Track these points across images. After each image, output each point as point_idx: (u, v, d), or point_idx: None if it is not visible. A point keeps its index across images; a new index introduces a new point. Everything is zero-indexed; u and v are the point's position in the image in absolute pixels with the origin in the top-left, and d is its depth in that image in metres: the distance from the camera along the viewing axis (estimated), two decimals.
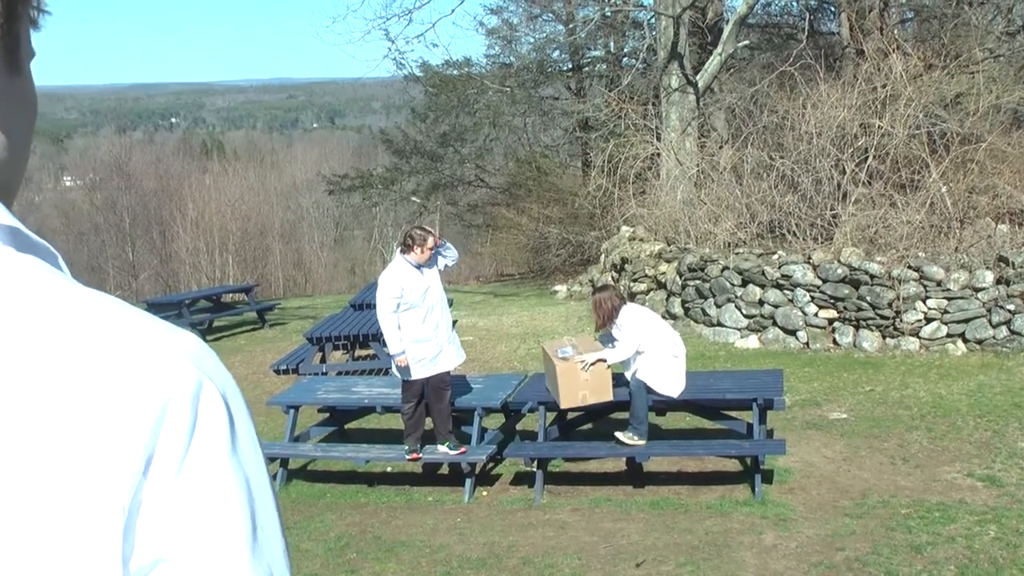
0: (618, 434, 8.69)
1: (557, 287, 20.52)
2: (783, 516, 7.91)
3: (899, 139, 15.05)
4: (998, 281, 12.42)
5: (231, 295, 21.50)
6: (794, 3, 25.20)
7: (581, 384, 8.46)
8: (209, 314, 18.44)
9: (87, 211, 45.10)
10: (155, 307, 17.76)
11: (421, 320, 8.80)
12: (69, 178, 60.98)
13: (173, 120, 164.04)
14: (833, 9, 23.59)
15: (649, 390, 8.63)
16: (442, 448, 9.02)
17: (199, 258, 37.12)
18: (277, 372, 13.38)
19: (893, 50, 17.03)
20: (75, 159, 60.40)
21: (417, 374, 8.81)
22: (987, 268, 12.53)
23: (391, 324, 8.74)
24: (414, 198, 30.38)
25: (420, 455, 9.04)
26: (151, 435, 0.85)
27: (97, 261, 40.06)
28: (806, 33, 19.48)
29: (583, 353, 8.55)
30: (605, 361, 8.50)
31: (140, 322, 0.91)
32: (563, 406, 8.61)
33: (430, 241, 8.85)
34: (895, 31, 20.69)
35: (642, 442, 8.62)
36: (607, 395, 8.55)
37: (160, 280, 38.50)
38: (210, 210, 37.75)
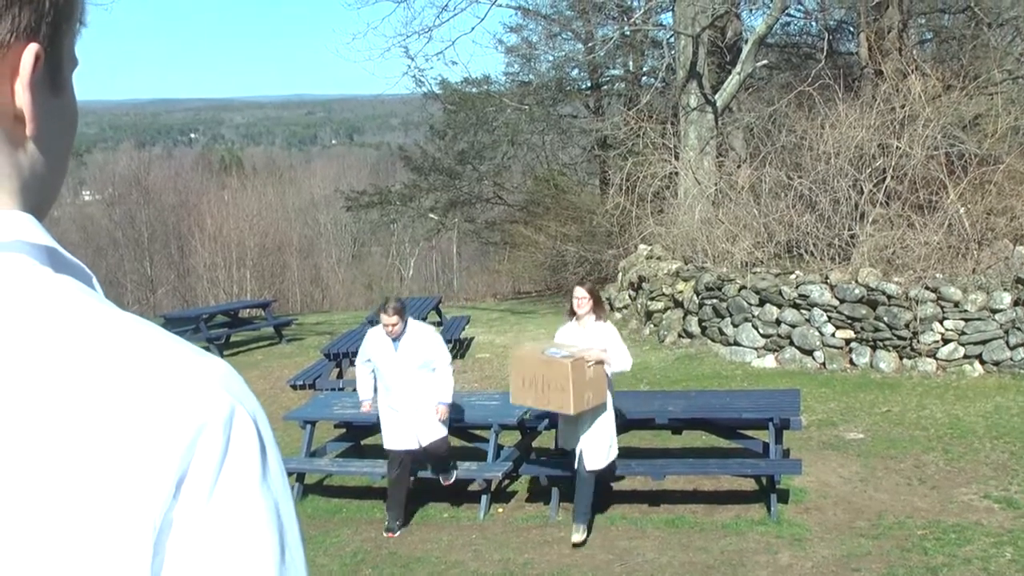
0: (575, 536, 7.98)
1: None
2: (798, 536, 7.90)
3: (917, 160, 15.03)
4: (1016, 303, 12.38)
5: (249, 310, 21.57)
6: (813, 23, 25.17)
7: (586, 384, 7.82)
8: (226, 329, 18.49)
9: (106, 225, 45.33)
10: (173, 321, 17.82)
11: (384, 391, 8.63)
12: (88, 192, 61.19)
13: (192, 135, 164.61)
14: (852, 29, 23.59)
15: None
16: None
17: (217, 273, 37.24)
18: (294, 387, 13.42)
19: (912, 71, 17.02)
20: (95, 174, 60.62)
21: (384, 443, 8.73)
22: (1005, 289, 12.50)
23: (360, 373, 8.87)
24: (432, 215, 30.42)
25: (395, 534, 8.57)
26: (184, 457, 0.86)
27: (115, 275, 40.22)
28: (825, 53, 19.48)
29: (572, 352, 7.89)
30: (605, 361, 7.94)
31: (174, 346, 0.92)
32: (574, 411, 7.80)
33: (384, 318, 8.36)
34: (914, 52, 20.68)
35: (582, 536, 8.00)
36: (604, 396, 8.03)
37: (178, 295, 38.64)
38: (228, 225, 37.88)
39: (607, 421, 8.14)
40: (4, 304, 0.88)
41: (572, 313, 8.23)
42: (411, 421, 8.54)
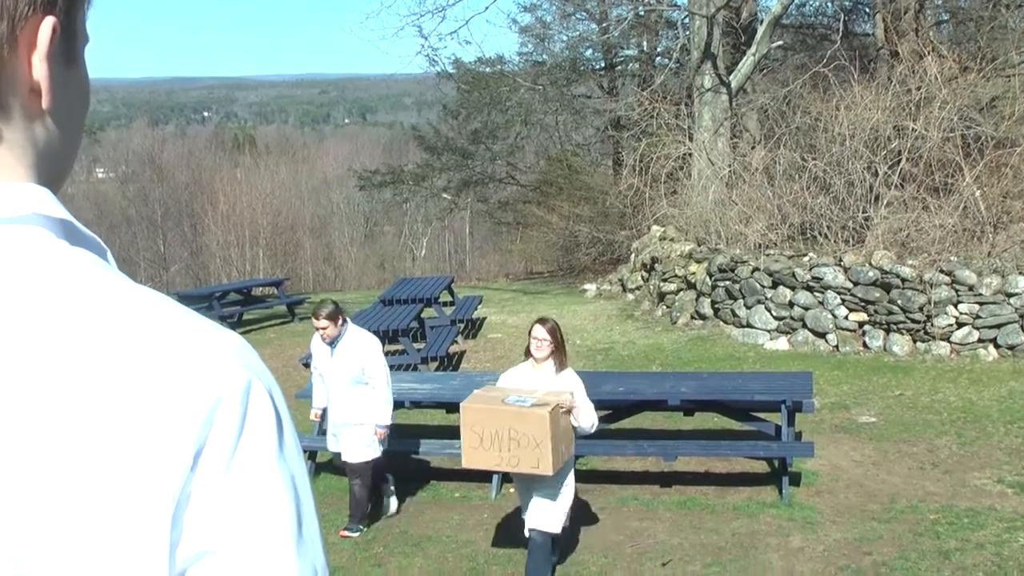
0: None
1: (587, 286, 20.50)
2: (810, 519, 7.89)
3: (933, 142, 14.95)
4: None
5: (261, 288, 21.61)
6: (828, 4, 25.10)
7: (561, 436, 6.48)
8: (239, 307, 18.52)
9: (119, 203, 45.42)
10: (185, 299, 17.84)
11: (324, 393, 8.43)
12: (102, 170, 61.23)
13: (205, 114, 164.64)
14: (868, 10, 23.47)
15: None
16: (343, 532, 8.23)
17: (230, 251, 37.26)
18: (306, 366, 13.40)
19: (928, 52, 16.92)
20: (108, 151, 60.68)
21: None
22: (1020, 273, 12.44)
23: (313, 377, 8.70)
24: (444, 194, 30.44)
25: (348, 534, 8.11)
26: (201, 429, 0.87)
27: (128, 253, 40.27)
28: (840, 34, 19.40)
29: (544, 399, 6.52)
30: (574, 410, 6.64)
31: (190, 320, 0.93)
32: (553, 470, 6.40)
33: (314, 322, 8.15)
34: (930, 33, 20.55)
35: None
36: (572, 449, 6.79)
37: (191, 273, 38.70)
38: (241, 204, 37.89)
39: (570, 476, 6.88)
40: (22, 276, 0.89)
41: (528, 354, 6.97)
42: (339, 434, 8.21)
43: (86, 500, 0.83)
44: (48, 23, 0.92)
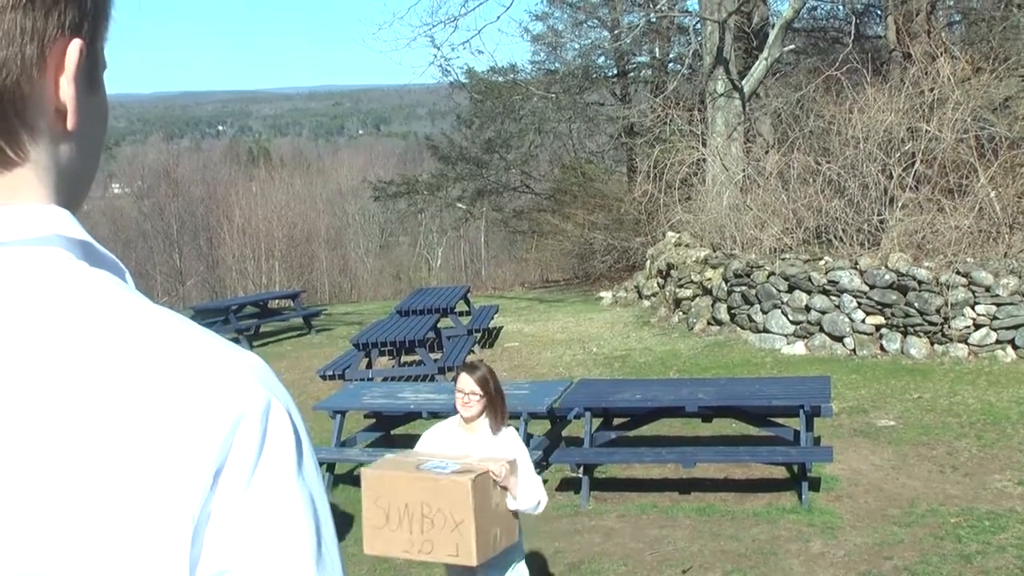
0: None
1: (602, 293, 20.49)
2: (830, 524, 7.87)
3: (947, 143, 14.91)
4: None
5: (277, 301, 21.64)
6: (840, 7, 25.05)
7: (493, 515, 5.00)
8: (256, 320, 18.56)
9: (135, 218, 45.55)
10: (202, 313, 17.90)
11: None
12: (117, 185, 61.45)
13: (220, 128, 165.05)
14: (879, 12, 23.41)
15: None
16: None
17: (245, 264, 37.33)
18: (323, 377, 13.46)
19: (940, 53, 16.88)
20: (123, 167, 60.93)
21: None
22: None
23: None
24: (459, 204, 30.44)
25: None
26: (221, 449, 0.88)
27: (145, 267, 40.39)
28: (852, 37, 19.36)
29: (469, 464, 5.07)
30: (511, 482, 5.08)
31: (209, 340, 0.94)
32: (478, 560, 4.91)
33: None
34: (942, 34, 20.52)
35: None
36: (515, 534, 5.21)
37: (207, 286, 38.78)
38: (256, 217, 37.97)
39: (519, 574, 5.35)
40: (42, 298, 0.90)
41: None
42: None
43: (108, 519, 0.84)
44: (76, 45, 0.94)
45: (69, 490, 0.84)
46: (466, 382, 5.30)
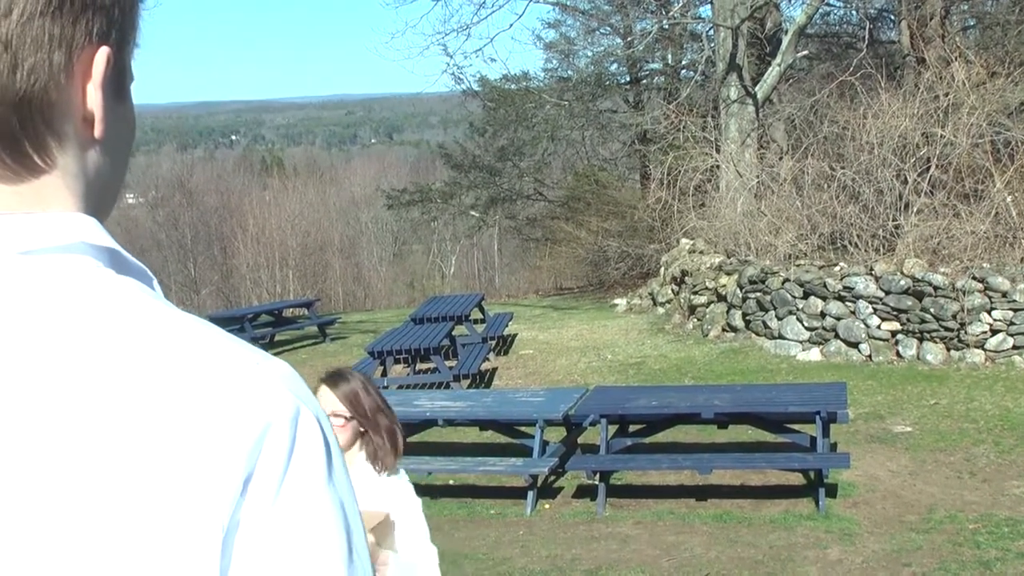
0: None
1: (617, 300, 20.48)
2: (848, 531, 7.84)
3: (962, 148, 14.87)
4: None
5: (292, 310, 21.67)
6: (853, 12, 24.99)
7: None
8: (271, 328, 18.60)
9: (149, 228, 45.69)
10: (217, 322, 17.70)
11: None
12: (132, 195, 61.62)
13: (233, 137, 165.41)
14: (893, 17, 23.36)
15: None
16: None
17: (260, 273, 37.45)
18: None
19: (955, 58, 16.85)
20: (138, 177, 61.09)
21: None
22: None
23: None
24: (473, 212, 30.47)
25: None
26: (251, 456, 0.87)
27: (159, 277, 39.10)
28: (866, 42, 19.33)
29: None
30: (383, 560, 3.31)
31: (237, 347, 0.94)
32: None
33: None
34: (957, 39, 20.45)
35: None
36: None
37: (221, 295, 38.89)
38: (270, 226, 38.10)
39: None
40: (69, 305, 0.90)
41: None
42: None
43: (139, 528, 0.84)
44: (103, 52, 0.95)
45: (100, 500, 0.84)
46: (327, 398, 3.69)
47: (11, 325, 0.88)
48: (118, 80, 0.99)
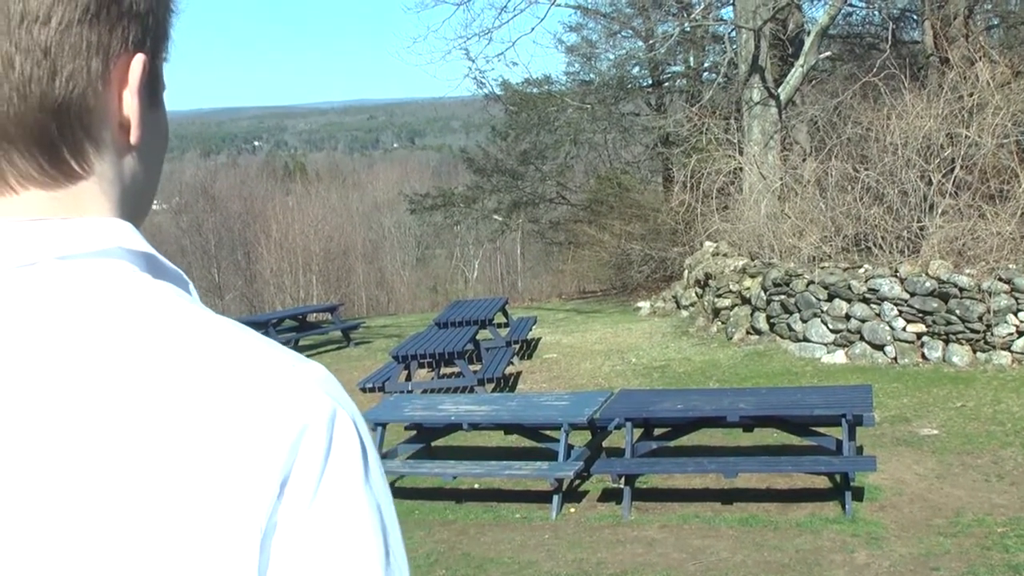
0: None
1: (640, 304, 20.46)
2: (875, 534, 7.80)
3: (987, 149, 14.79)
4: None
5: (316, 314, 21.73)
6: (876, 13, 24.88)
7: None
8: (295, 333, 18.65)
9: (173, 234, 45.87)
10: None
11: None
12: (156, 202, 61.70)
13: (256, 143, 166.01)
14: (916, 18, 23.27)
15: None
16: None
17: (283, 278, 37.51)
18: (363, 390, 13.50)
19: (979, 58, 16.76)
20: (161, 183, 60.68)
21: None
22: None
23: None
24: (496, 216, 30.48)
25: None
26: (288, 458, 0.88)
27: None
28: (889, 43, 19.25)
29: None
30: None
31: (273, 350, 0.95)
32: None
33: None
34: (981, 38, 20.34)
35: None
36: None
37: (245, 300, 38.99)
38: (293, 231, 38.16)
39: None
40: (106, 310, 0.91)
41: None
42: None
43: (177, 532, 0.85)
44: (139, 60, 0.97)
45: (141, 504, 0.85)
46: None
47: (51, 330, 0.89)
48: (152, 87, 1.01)
